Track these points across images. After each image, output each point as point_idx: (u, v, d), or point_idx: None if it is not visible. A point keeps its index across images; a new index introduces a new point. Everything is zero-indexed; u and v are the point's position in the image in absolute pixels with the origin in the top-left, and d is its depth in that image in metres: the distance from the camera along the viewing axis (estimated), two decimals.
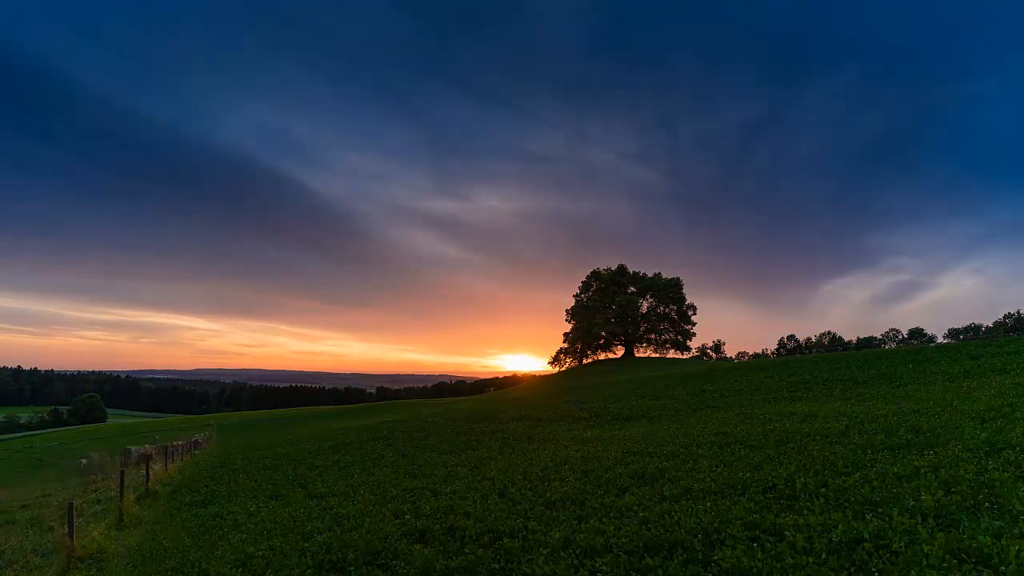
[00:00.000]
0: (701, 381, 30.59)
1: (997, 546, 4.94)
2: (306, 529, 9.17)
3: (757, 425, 13.96)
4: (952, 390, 15.70)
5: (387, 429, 26.78)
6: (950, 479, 7.00)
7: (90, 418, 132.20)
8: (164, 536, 10.17)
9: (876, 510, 6.37)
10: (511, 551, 6.85)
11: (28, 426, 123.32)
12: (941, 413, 11.83)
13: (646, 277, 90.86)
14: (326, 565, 7.25)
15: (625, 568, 5.93)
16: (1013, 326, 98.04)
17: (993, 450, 8.13)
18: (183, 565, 8.02)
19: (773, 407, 18.10)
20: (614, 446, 13.88)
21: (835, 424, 12.31)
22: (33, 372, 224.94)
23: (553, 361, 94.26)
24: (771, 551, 5.69)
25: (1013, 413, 10.62)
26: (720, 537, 6.31)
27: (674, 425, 17.02)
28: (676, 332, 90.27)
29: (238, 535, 9.42)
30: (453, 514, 8.94)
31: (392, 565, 6.94)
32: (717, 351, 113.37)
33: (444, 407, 45.36)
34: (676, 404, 22.99)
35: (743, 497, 7.77)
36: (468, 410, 32.68)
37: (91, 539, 9.60)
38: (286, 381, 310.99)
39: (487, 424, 23.34)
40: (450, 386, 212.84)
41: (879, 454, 9.02)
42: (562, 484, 10.28)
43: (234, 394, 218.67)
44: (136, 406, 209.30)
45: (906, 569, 4.83)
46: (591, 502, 8.70)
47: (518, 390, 67.50)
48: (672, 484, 9.12)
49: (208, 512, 11.85)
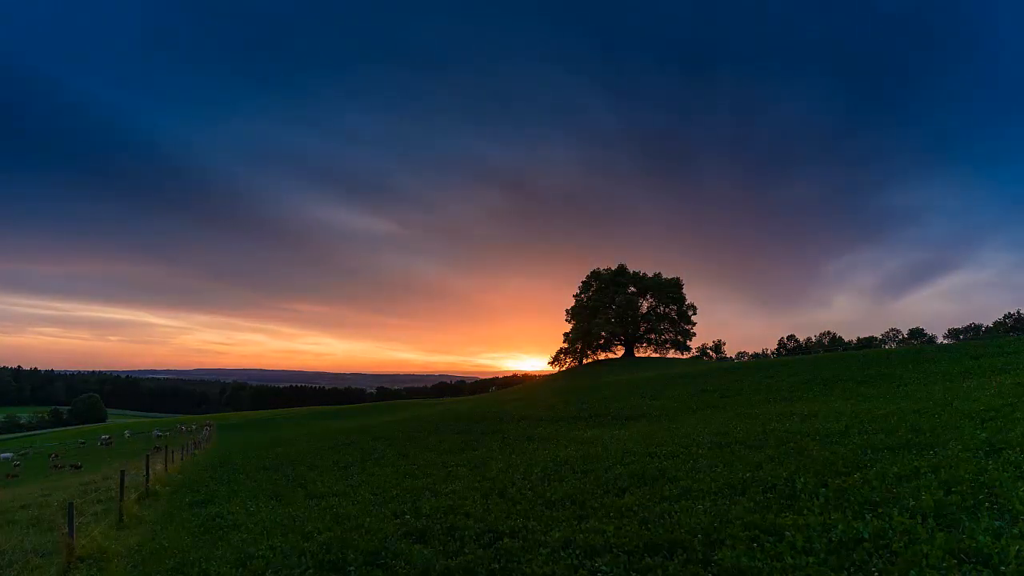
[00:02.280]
0: (701, 381, 30.58)
1: (997, 546, 4.94)
2: (306, 529, 9.17)
3: (757, 425, 13.96)
4: (952, 390, 15.70)
5: (387, 429, 26.80)
6: (950, 479, 7.00)
7: (90, 418, 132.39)
8: (164, 536, 10.16)
9: (876, 510, 6.37)
10: (511, 551, 6.84)
11: (28, 426, 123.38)
12: (941, 413, 11.83)
13: (646, 277, 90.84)
14: (326, 565, 7.24)
15: (625, 568, 5.93)
16: (1013, 326, 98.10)
17: (993, 450, 8.13)
18: (183, 565, 8.01)
19: (773, 407, 18.10)
20: (614, 446, 13.89)
21: (835, 424, 12.31)
22: (33, 372, 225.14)
23: (553, 361, 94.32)
24: (771, 551, 5.69)
25: (1013, 413, 10.62)
26: (720, 537, 6.31)
27: (674, 425, 17.03)
28: (676, 332, 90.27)
29: (238, 535, 9.42)
30: (453, 514, 8.94)
31: (392, 565, 6.93)
32: (717, 351, 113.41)
33: (444, 407, 45.37)
34: (676, 404, 22.99)
35: (743, 497, 7.77)
36: (468, 410, 32.69)
37: (91, 539, 9.60)
38: (286, 381, 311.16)
39: (487, 424, 23.35)
40: (450, 386, 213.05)
41: (879, 454, 9.03)
42: (562, 484, 10.28)
43: (234, 394, 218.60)
44: (136, 406, 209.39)
45: (906, 569, 4.83)
46: (591, 502, 8.70)
47: (518, 390, 67.52)
48: (672, 484, 9.13)
49: (208, 512, 11.85)
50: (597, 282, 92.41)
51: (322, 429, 36.37)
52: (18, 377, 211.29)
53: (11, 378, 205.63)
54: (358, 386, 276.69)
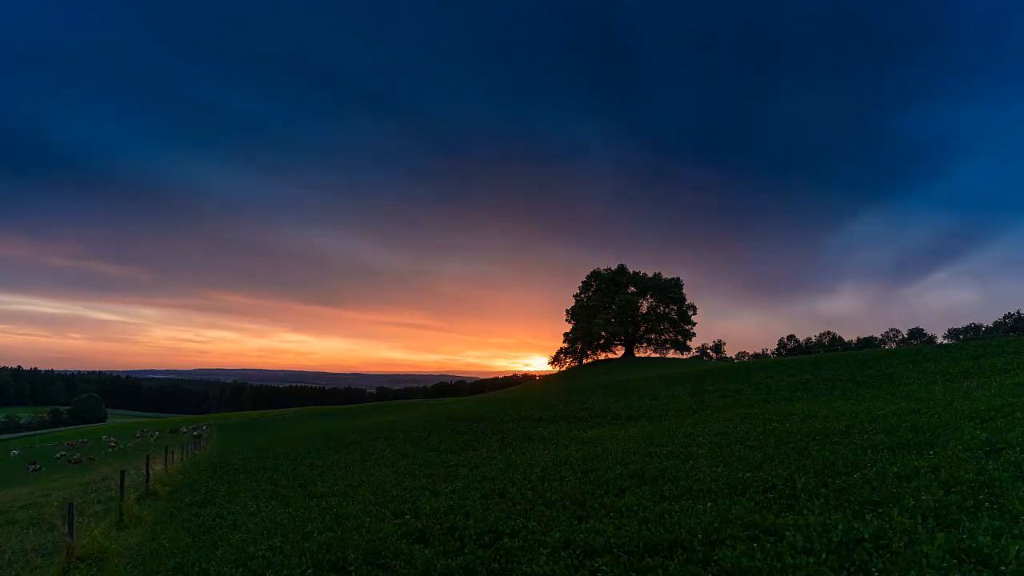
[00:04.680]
0: (701, 381, 30.59)
1: (997, 546, 4.94)
2: (306, 529, 9.17)
3: (757, 425, 13.96)
4: (952, 390, 15.71)
5: (387, 429, 26.79)
6: (950, 479, 7.00)
7: (90, 418, 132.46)
8: (164, 536, 10.16)
9: (876, 510, 6.37)
10: (511, 551, 6.84)
11: (28, 426, 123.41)
12: (941, 413, 11.83)
13: (646, 277, 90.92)
14: (326, 565, 7.24)
15: (625, 568, 5.93)
16: (1013, 326, 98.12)
17: (993, 450, 8.13)
18: (183, 565, 8.01)
19: (773, 407, 18.10)
20: (614, 446, 13.89)
21: (835, 424, 12.31)
22: (33, 372, 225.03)
23: (553, 361, 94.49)
24: (771, 551, 5.68)
25: (1013, 413, 10.62)
26: (720, 537, 6.31)
27: (674, 425, 17.02)
28: (676, 332, 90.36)
29: (238, 535, 9.42)
30: (453, 514, 8.93)
31: (392, 565, 6.93)
32: (717, 351, 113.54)
33: (444, 407, 45.35)
34: (676, 404, 22.99)
35: (743, 497, 7.77)
36: (468, 410, 32.69)
37: (91, 539, 9.60)
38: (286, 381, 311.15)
39: (487, 424, 23.35)
40: (450, 386, 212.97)
41: (879, 454, 9.03)
42: (562, 484, 10.28)
43: (234, 394, 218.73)
44: (136, 406, 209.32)
45: (906, 569, 4.83)
46: (591, 502, 8.70)
47: (518, 390, 67.53)
48: (672, 484, 9.13)
49: (208, 512, 11.85)
50: (597, 282, 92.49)
51: (322, 429, 36.35)
52: (18, 377, 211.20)
53: (11, 378, 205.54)
54: (358, 386, 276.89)
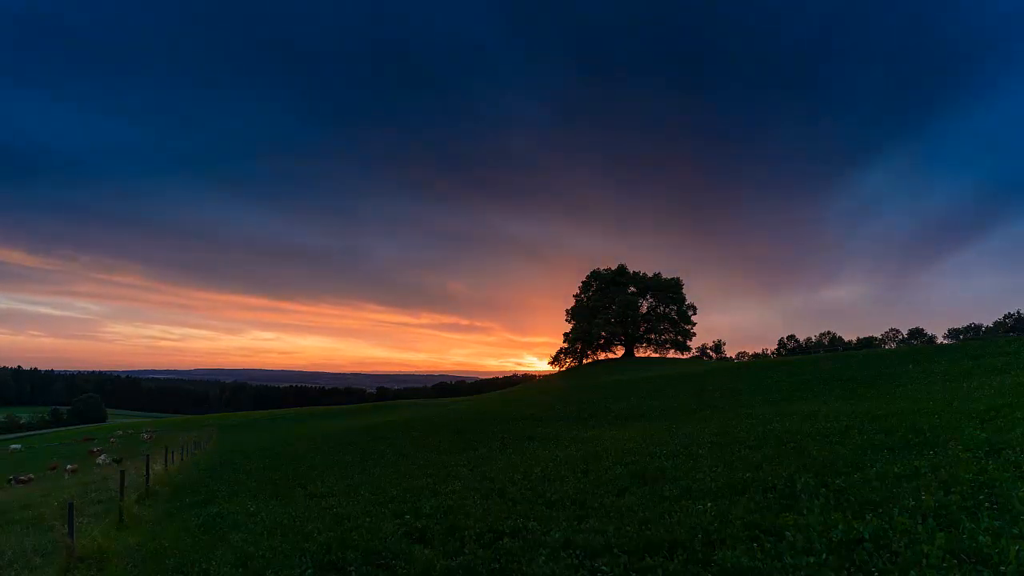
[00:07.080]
0: (701, 381, 30.58)
1: (997, 546, 4.94)
2: (306, 529, 9.16)
3: (757, 425, 13.95)
4: (952, 390, 15.70)
5: (387, 429, 26.80)
6: (950, 479, 7.00)
7: (90, 418, 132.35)
8: (164, 536, 10.16)
9: (876, 510, 6.37)
10: (511, 551, 6.84)
11: (28, 426, 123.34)
12: (941, 413, 11.83)
13: (646, 277, 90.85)
14: (326, 565, 7.24)
15: (625, 568, 5.93)
16: (1013, 326, 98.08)
17: (993, 450, 8.13)
18: (183, 565, 8.01)
19: (773, 407, 18.10)
20: (614, 446, 13.89)
21: (835, 424, 12.30)
22: (33, 372, 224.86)
23: (553, 361, 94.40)
24: (771, 551, 5.68)
25: (1013, 413, 10.61)
26: (720, 537, 6.31)
27: (674, 425, 17.02)
28: (676, 332, 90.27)
29: (238, 535, 9.42)
30: (453, 514, 8.93)
31: (392, 565, 6.93)
32: (717, 351, 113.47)
33: (444, 407, 45.37)
34: (676, 404, 22.99)
35: (743, 497, 7.77)
36: (468, 410, 32.71)
37: (92, 539, 9.59)
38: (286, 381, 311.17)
39: (487, 424, 23.35)
40: (450, 386, 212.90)
41: (879, 454, 9.02)
42: (562, 484, 10.28)
43: (234, 394, 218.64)
44: (136, 406, 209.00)
45: (906, 569, 4.83)
46: (591, 502, 8.70)
47: (518, 390, 67.51)
48: (672, 484, 9.12)
49: (208, 512, 11.84)
50: (597, 282, 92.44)
51: (322, 429, 36.35)
52: (18, 377, 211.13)
53: (11, 378, 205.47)
54: (358, 386, 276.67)
